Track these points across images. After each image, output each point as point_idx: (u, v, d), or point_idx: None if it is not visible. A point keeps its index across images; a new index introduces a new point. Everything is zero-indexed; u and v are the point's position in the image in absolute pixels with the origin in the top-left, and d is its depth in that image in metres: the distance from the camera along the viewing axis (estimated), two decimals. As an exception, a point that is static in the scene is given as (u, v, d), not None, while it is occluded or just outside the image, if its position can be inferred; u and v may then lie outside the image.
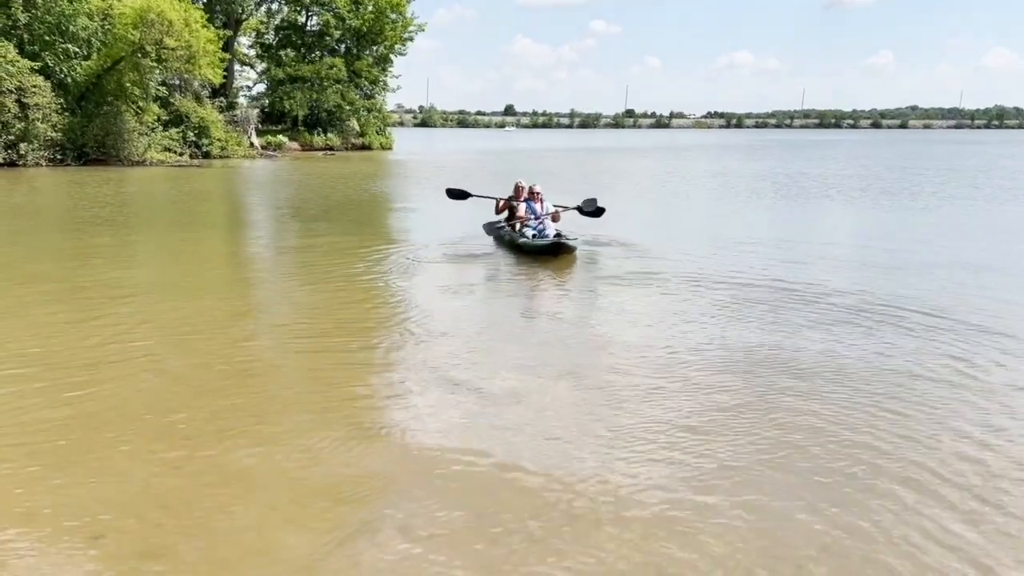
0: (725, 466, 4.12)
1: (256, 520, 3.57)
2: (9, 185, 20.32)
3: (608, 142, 71.93)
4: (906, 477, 4.01)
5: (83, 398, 5.02)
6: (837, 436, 4.52)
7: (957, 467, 4.13)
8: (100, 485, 3.87)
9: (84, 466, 4.09)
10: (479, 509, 3.68)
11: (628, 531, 3.49)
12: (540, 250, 10.60)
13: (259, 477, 3.99)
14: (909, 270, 9.78)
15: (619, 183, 24.71)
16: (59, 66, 26.30)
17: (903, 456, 4.26)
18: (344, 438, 4.48)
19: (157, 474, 3.99)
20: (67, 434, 4.47)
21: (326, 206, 17.50)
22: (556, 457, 4.21)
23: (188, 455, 4.21)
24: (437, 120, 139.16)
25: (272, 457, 4.21)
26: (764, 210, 17.34)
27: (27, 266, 9.63)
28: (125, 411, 4.81)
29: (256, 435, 4.51)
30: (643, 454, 4.25)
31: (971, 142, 73.55)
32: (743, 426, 4.65)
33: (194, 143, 31.76)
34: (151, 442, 4.36)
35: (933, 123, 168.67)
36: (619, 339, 6.52)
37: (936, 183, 24.43)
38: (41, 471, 4.02)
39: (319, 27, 45.27)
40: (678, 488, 3.87)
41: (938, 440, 4.48)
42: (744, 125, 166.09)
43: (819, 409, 4.92)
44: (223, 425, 4.63)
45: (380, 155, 42.13)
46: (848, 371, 5.66)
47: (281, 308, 7.83)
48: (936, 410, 4.94)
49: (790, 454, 4.28)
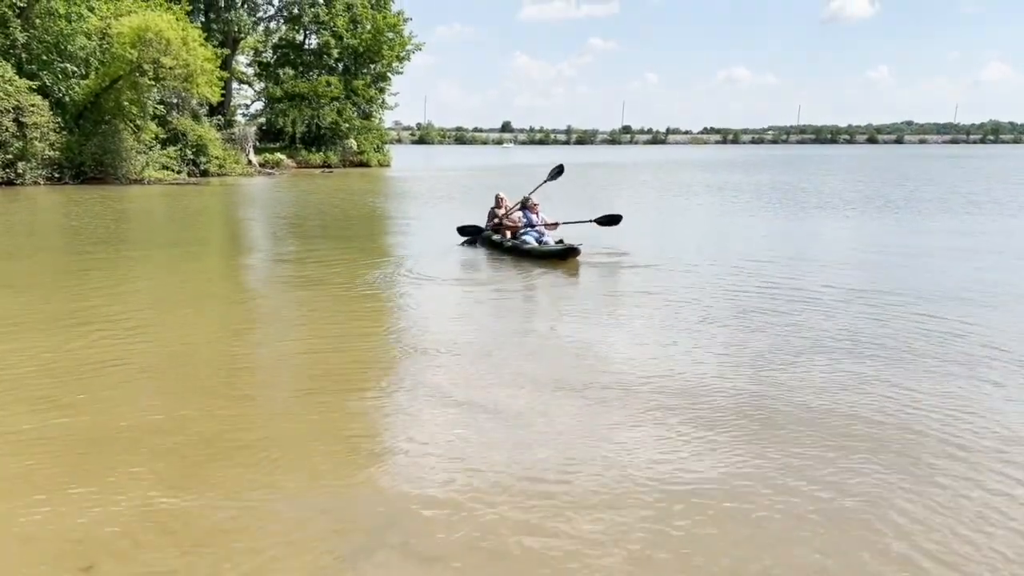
0: (743, 477, 4.06)
1: (256, 543, 3.50)
2: (7, 203, 20.29)
3: (606, 158, 72.14)
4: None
5: (77, 417, 4.94)
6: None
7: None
8: (95, 506, 3.80)
9: (79, 486, 4.01)
10: (482, 527, 3.61)
11: (625, 547, 3.42)
12: (551, 254, 11.27)
13: (258, 498, 3.91)
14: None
15: (623, 194, 24.76)
16: (57, 85, 26.36)
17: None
18: (345, 458, 4.41)
19: (154, 495, 3.91)
20: (62, 454, 4.40)
21: (324, 222, 17.52)
22: (562, 475, 4.15)
23: (185, 475, 4.13)
24: (435, 137, 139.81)
25: (271, 477, 4.14)
26: (768, 222, 17.35)
27: (24, 284, 9.57)
28: (121, 431, 4.73)
29: (255, 455, 4.44)
30: (655, 463, 4.19)
31: (963, 156, 73.82)
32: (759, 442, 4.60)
33: (192, 161, 31.81)
34: (148, 462, 4.29)
35: (928, 138, 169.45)
36: (630, 352, 6.47)
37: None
38: (34, 490, 3.94)
39: (317, 46, 45.55)
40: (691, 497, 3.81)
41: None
42: (740, 141, 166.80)
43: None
44: (221, 446, 4.56)
45: (378, 172, 42.22)
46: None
47: (281, 326, 7.77)
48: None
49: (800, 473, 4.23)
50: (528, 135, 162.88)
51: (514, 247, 11.94)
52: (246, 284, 10.55)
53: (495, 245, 12.43)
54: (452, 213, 14.86)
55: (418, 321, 7.97)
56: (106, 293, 9.07)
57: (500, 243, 12.32)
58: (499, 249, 12.19)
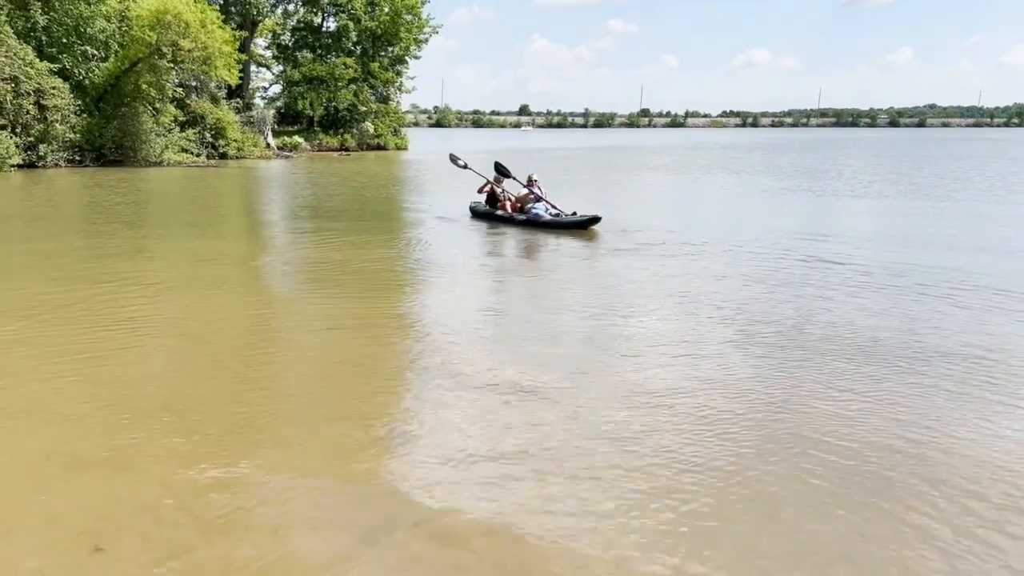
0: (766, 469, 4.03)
1: (274, 522, 3.51)
2: (31, 186, 20.45)
3: (627, 141, 71.66)
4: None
5: (97, 396, 4.98)
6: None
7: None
8: (114, 484, 3.83)
9: (99, 464, 4.05)
10: (500, 509, 3.60)
11: (649, 535, 3.41)
12: (574, 224, 12.11)
13: (276, 477, 3.93)
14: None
15: (648, 176, 24.64)
16: (77, 68, 26.46)
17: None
18: (363, 438, 4.41)
19: (174, 473, 3.94)
20: (83, 432, 4.43)
21: (342, 204, 17.58)
22: (581, 457, 4.13)
23: (204, 454, 4.15)
24: (452, 120, 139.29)
25: (290, 457, 4.16)
26: (789, 202, 17.19)
27: (47, 264, 9.64)
28: (140, 410, 4.77)
29: (273, 435, 4.46)
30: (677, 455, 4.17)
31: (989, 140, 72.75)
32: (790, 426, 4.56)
33: (211, 144, 31.92)
34: (168, 440, 4.31)
35: (952, 121, 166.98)
36: (653, 334, 6.43)
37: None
38: (54, 468, 3.98)
39: (336, 28, 45.44)
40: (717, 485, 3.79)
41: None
42: (760, 124, 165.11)
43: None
44: (239, 425, 4.58)
45: (395, 155, 42.17)
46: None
47: (299, 307, 7.80)
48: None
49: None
50: (545, 118, 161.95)
51: (529, 220, 12.67)
52: (265, 266, 10.56)
53: (504, 219, 13.23)
54: (471, 196, 14.92)
55: (437, 302, 7.97)
56: (126, 272, 9.11)
57: (510, 217, 13.08)
58: (509, 223, 12.98)
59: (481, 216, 13.88)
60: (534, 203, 13.02)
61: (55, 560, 3.21)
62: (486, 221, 13.59)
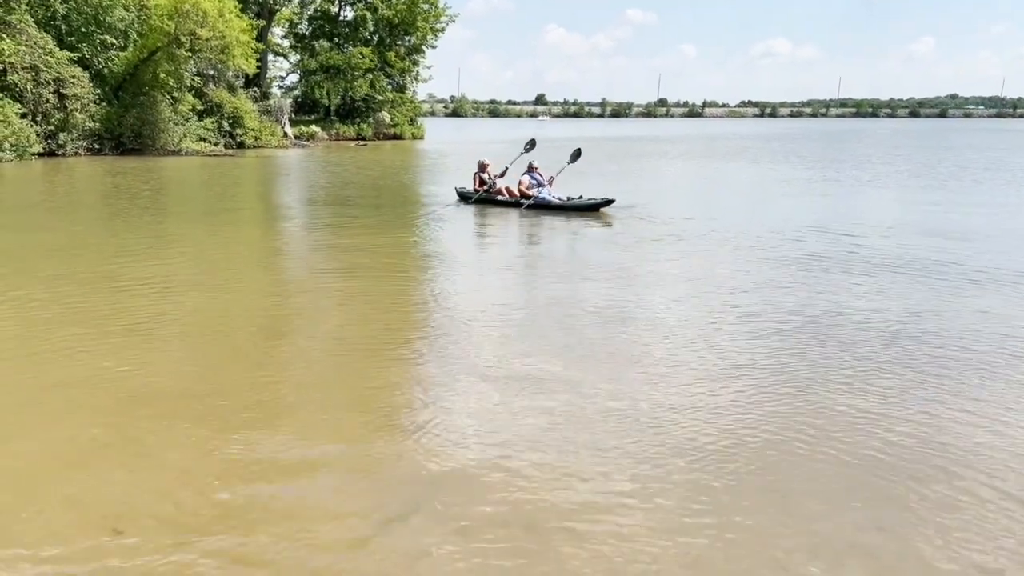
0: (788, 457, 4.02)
1: (293, 508, 3.54)
2: (51, 174, 20.63)
3: (645, 131, 71.28)
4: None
5: (119, 380, 5.03)
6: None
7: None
8: (135, 468, 3.87)
9: (120, 448, 4.09)
10: (516, 497, 3.61)
11: (658, 522, 3.40)
12: (587, 207, 12.77)
13: (295, 464, 3.96)
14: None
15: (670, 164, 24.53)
16: (96, 57, 26.62)
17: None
18: (382, 424, 4.44)
19: (192, 458, 3.98)
20: (104, 417, 4.48)
21: (359, 193, 17.64)
22: (595, 444, 4.13)
23: (223, 440, 4.19)
24: (468, 110, 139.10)
25: (309, 443, 4.18)
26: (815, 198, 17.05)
27: (69, 251, 9.73)
28: (160, 395, 4.81)
29: (292, 421, 4.49)
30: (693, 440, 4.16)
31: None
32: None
33: (228, 133, 32.05)
34: (187, 425, 4.35)
35: (973, 112, 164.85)
36: (667, 320, 6.42)
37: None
38: (76, 452, 4.03)
39: (353, 18, 45.44)
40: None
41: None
42: (778, 114, 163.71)
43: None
44: (258, 411, 4.61)
45: (411, 144, 42.19)
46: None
47: (316, 294, 7.82)
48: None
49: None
50: (562, 108, 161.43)
51: (537, 203, 13.22)
52: (282, 253, 10.62)
53: (507, 204, 13.77)
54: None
55: (453, 290, 7.97)
56: (147, 259, 9.19)
57: (515, 203, 13.56)
58: (515, 208, 13.49)
59: (481, 202, 14.33)
60: (537, 188, 13.67)
61: (76, 543, 3.25)
62: (492, 206, 14.05)
